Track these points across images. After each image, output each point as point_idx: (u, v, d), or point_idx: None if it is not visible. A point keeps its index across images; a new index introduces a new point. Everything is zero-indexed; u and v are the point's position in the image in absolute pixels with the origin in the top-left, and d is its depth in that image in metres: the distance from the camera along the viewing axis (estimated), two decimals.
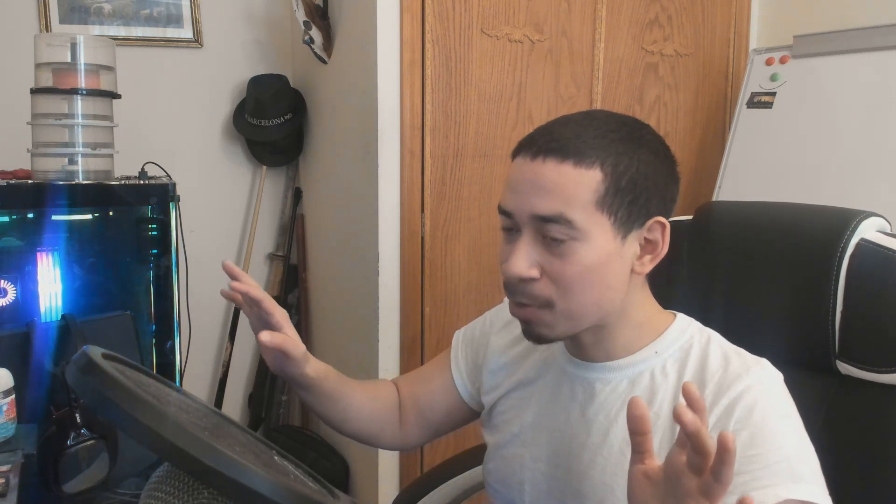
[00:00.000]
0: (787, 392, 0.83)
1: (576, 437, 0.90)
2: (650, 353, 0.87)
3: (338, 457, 2.27)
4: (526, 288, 0.82)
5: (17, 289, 1.51)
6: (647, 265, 0.85)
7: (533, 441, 0.95)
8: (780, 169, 1.96)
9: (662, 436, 0.83)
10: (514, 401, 0.99)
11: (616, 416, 0.87)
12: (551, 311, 0.83)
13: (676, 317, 0.91)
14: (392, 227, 1.90)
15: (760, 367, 0.83)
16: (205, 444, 0.64)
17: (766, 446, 0.77)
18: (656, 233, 0.84)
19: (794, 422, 0.81)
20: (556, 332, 0.85)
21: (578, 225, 0.79)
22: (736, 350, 0.86)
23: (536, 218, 0.80)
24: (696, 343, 0.87)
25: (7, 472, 1.09)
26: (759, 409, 0.79)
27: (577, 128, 0.82)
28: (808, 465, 0.78)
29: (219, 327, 2.50)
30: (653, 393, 0.86)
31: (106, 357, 0.75)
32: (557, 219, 0.79)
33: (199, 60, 2.36)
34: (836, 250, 0.96)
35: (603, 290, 0.82)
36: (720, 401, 0.80)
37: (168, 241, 1.61)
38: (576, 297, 0.81)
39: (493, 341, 1.05)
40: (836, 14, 2.07)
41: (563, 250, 0.80)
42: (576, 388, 0.91)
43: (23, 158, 1.59)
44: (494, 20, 1.92)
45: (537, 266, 0.81)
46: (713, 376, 0.83)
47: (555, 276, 0.81)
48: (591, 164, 0.79)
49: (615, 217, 0.80)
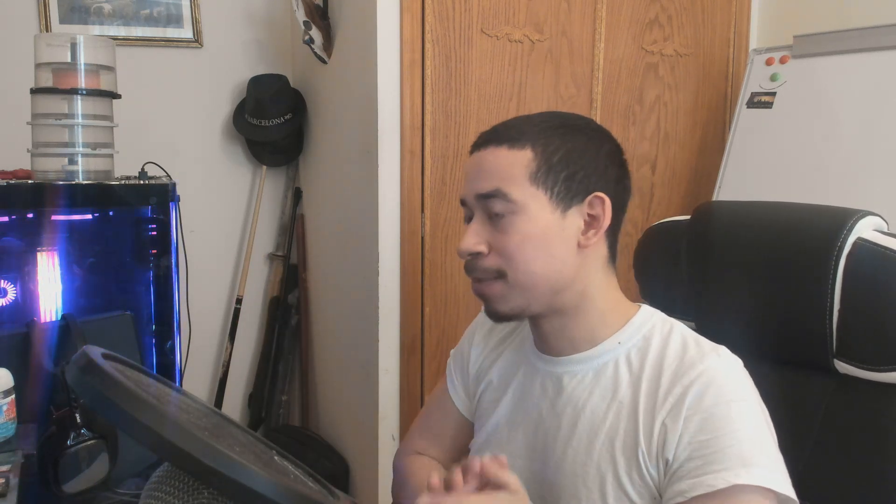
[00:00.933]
0: (746, 377, 0.85)
1: (549, 430, 0.93)
2: (613, 343, 0.90)
3: (338, 457, 2.27)
4: (477, 263, 0.90)
5: (17, 289, 1.51)
6: (592, 239, 0.89)
7: (510, 439, 0.97)
8: (780, 169, 1.96)
9: (626, 425, 0.86)
10: (490, 402, 1.02)
11: (583, 407, 0.90)
12: (504, 283, 0.89)
13: (641, 307, 0.94)
14: (392, 227, 1.90)
15: (716, 354, 0.85)
16: (205, 444, 0.64)
17: (717, 431, 0.79)
18: (597, 208, 0.89)
19: (748, 406, 0.82)
20: (511, 304, 0.90)
21: (514, 198, 0.87)
22: (696, 338, 0.89)
23: (480, 197, 0.89)
24: (657, 333, 0.90)
25: (7, 472, 1.09)
26: (710, 395, 0.81)
27: (517, 121, 0.93)
28: (763, 450, 0.79)
29: (219, 327, 2.50)
30: (616, 383, 0.88)
31: (106, 357, 0.76)
32: (495, 193, 0.87)
33: (199, 60, 2.36)
34: (833, 249, 0.96)
35: (548, 260, 0.88)
36: (674, 388, 0.83)
37: (168, 241, 1.61)
38: (521, 266, 0.87)
39: (474, 349, 1.08)
40: (836, 14, 2.07)
41: (504, 224, 0.88)
42: (545, 383, 0.94)
43: (23, 158, 1.59)
44: (494, 20, 1.92)
45: (485, 242, 0.89)
46: (670, 364, 0.86)
47: (500, 249, 0.88)
48: (522, 146, 0.89)
49: (551, 192, 0.88)
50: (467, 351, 1.09)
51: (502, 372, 1.02)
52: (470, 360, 1.08)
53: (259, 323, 2.56)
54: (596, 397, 0.89)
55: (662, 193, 2.19)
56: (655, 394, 0.85)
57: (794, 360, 1.01)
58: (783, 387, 0.86)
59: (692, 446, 0.80)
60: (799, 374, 1.00)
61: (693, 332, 0.90)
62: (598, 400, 0.89)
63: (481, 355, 1.07)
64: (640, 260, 1.21)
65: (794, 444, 0.81)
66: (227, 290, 2.50)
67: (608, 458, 0.86)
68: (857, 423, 0.95)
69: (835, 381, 0.98)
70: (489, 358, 1.05)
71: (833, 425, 0.97)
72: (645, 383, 0.86)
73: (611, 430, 0.87)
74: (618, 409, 0.87)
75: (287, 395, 2.58)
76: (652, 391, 0.85)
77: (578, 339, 0.92)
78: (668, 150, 2.19)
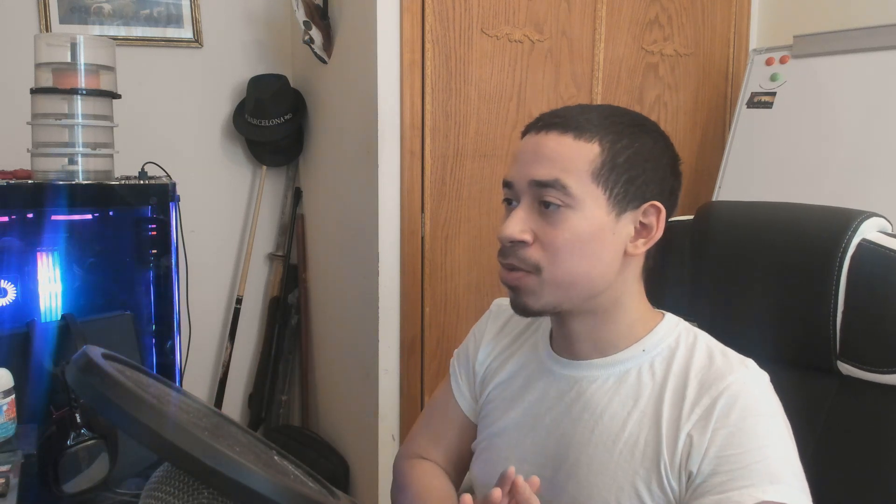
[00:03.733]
0: (772, 392, 0.83)
1: (562, 436, 0.90)
2: (638, 350, 0.88)
3: (338, 457, 2.27)
4: (518, 251, 0.85)
5: (17, 289, 1.51)
6: (640, 248, 0.87)
7: (518, 442, 0.95)
8: (780, 169, 1.96)
9: (648, 434, 0.83)
10: (498, 404, 0.99)
11: (601, 414, 0.87)
12: (538, 278, 0.84)
13: (665, 316, 0.92)
14: (392, 227, 1.90)
15: (744, 367, 0.83)
16: (205, 444, 0.64)
17: (744, 446, 0.77)
18: (651, 217, 0.86)
19: (775, 421, 0.80)
20: (542, 301, 0.86)
21: (573, 191, 0.82)
22: (722, 350, 0.86)
23: (534, 183, 0.84)
24: (682, 342, 0.88)
25: (7, 472, 1.09)
26: (738, 409, 0.79)
27: (583, 109, 0.88)
28: (788, 466, 0.78)
29: (219, 327, 2.50)
30: (639, 391, 0.86)
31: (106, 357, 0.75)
32: (553, 183, 0.82)
33: (199, 60, 2.36)
34: (837, 251, 0.96)
35: (593, 262, 0.84)
36: (701, 400, 0.81)
37: (168, 241, 1.61)
38: (563, 264, 0.83)
39: (482, 349, 1.05)
40: (836, 14, 2.07)
41: (556, 217, 0.83)
42: (562, 388, 0.92)
43: (23, 158, 1.59)
44: (494, 20, 1.92)
45: (530, 231, 0.85)
46: (696, 375, 0.83)
47: (546, 242, 0.84)
48: (590, 138, 0.83)
49: (610, 192, 0.83)
50: (474, 351, 1.06)
51: (513, 374, 0.99)
52: (477, 360, 1.05)
53: (259, 323, 2.56)
54: (616, 404, 0.87)
55: None
56: (681, 404, 0.82)
57: (796, 362, 1.01)
58: (786, 388, 0.85)
59: (718, 460, 0.78)
60: (802, 375, 1.00)
61: (718, 342, 0.88)
62: (617, 407, 0.86)
63: (490, 355, 1.04)
64: None
65: (796, 445, 0.81)
66: (227, 290, 2.50)
67: (626, 467, 0.84)
68: (860, 424, 0.95)
69: (838, 382, 0.98)
70: (499, 359, 1.02)
71: (836, 427, 0.96)
72: (669, 393, 0.84)
73: (630, 438, 0.84)
74: (639, 418, 0.84)
75: (287, 395, 2.58)
76: (677, 401, 0.83)
77: (603, 342, 0.89)
78: None
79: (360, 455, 2.13)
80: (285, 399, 2.58)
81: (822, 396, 0.98)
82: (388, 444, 1.97)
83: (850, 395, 0.97)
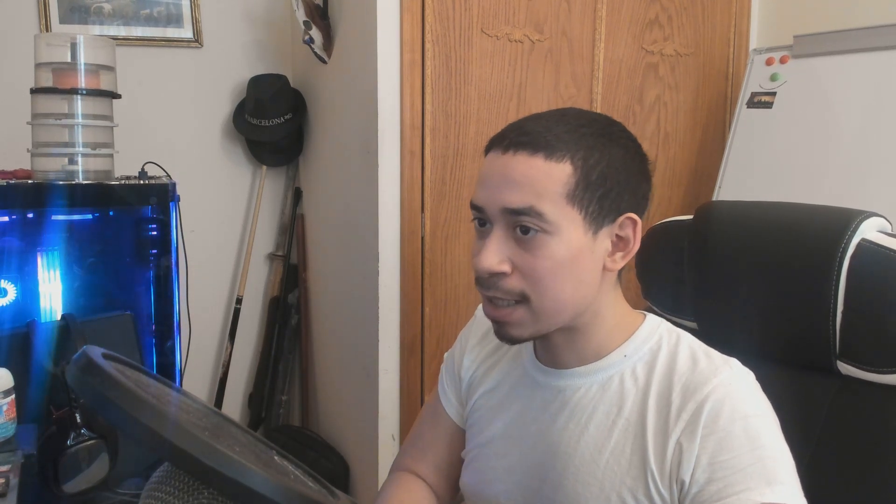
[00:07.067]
0: (759, 390, 0.82)
1: (549, 447, 0.88)
2: (619, 356, 0.86)
3: (338, 457, 2.27)
4: (498, 283, 0.82)
5: (18, 289, 1.51)
6: (618, 262, 0.84)
7: (505, 452, 0.93)
8: (780, 169, 1.96)
9: (634, 443, 0.82)
10: (484, 413, 0.98)
11: (586, 424, 0.86)
12: (527, 307, 0.82)
13: (646, 317, 0.90)
14: (392, 226, 1.90)
15: (728, 368, 0.81)
16: (205, 444, 0.64)
17: (736, 450, 0.76)
18: (627, 229, 0.84)
19: (764, 421, 0.79)
20: (530, 331, 0.84)
21: (549, 218, 0.79)
22: (705, 351, 0.85)
23: (507, 211, 0.80)
24: (664, 345, 0.86)
25: (7, 472, 1.09)
26: (726, 412, 0.77)
27: (549, 123, 0.82)
28: (782, 465, 0.77)
29: (219, 327, 2.50)
30: (622, 398, 0.84)
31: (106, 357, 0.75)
32: (528, 211, 0.79)
33: (199, 60, 2.36)
34: (836, 250, 0.96)
35: (576, 286, 0.81)
36: (687, 405, 0.79)
37: (168, 241, 1.61)
38: (549, 292, 0.81)
39: (467, 356, 1.03)
40: (836, 14, 2.07)
41: (533, 244, 0.80)
42: (546, 397, 0.90)
43: (23, 158, 1.59)
44: (494, 20, 1.92)
45: (508, 261, 0.81)
46: (680, 379, 0.81)
47: (526, 271, 0.80)
48: (561, 157, 0.79)
49: (586, 211, 0.80)
50: (459, 357, 1.04)
51: (498, 383, 0.98)
52: (462, 367, 1.03)
53: (259, 323, 2.56)
54: (600, 413, 0.85)
55: (662, 193, 2.19)
56: (666, 411, 0.80)
57: (796, 362, 1.01)
58: (785, 388, 0.85)
59: (712, 468, 0.76)
60: (801, 375, 1.00)
61: (701, 343, 0.87)
62: (602, 416, 0.85)
63: (474, 363, 1.02)
64: (643, 260, 1.21)
65: (795, 445, 0.80)
66: (227, 289, 2.50)
67: (613, 477, 0.82)
68: (860, 425, 0.95)
69: (837, 382, 0.98)
70: (483, 366, 1.01)
71: (835, 427, 0.96)
72: (653, 399, 0.82)
73: (616, 447, 0.83)
74: (624, 426, 0.83)
75: (287, 395, 2.58)
76: (662, 408, 0.81)
77: (585, 351, 0.87)
78: (669, 150, 2.19)
79: (360, 455, 2.13)
80: (285, 399, 2.58)
81: (821, 396, 0.98)
82: (388, 444, 1.97)
83: (849, 395, 0.96)
